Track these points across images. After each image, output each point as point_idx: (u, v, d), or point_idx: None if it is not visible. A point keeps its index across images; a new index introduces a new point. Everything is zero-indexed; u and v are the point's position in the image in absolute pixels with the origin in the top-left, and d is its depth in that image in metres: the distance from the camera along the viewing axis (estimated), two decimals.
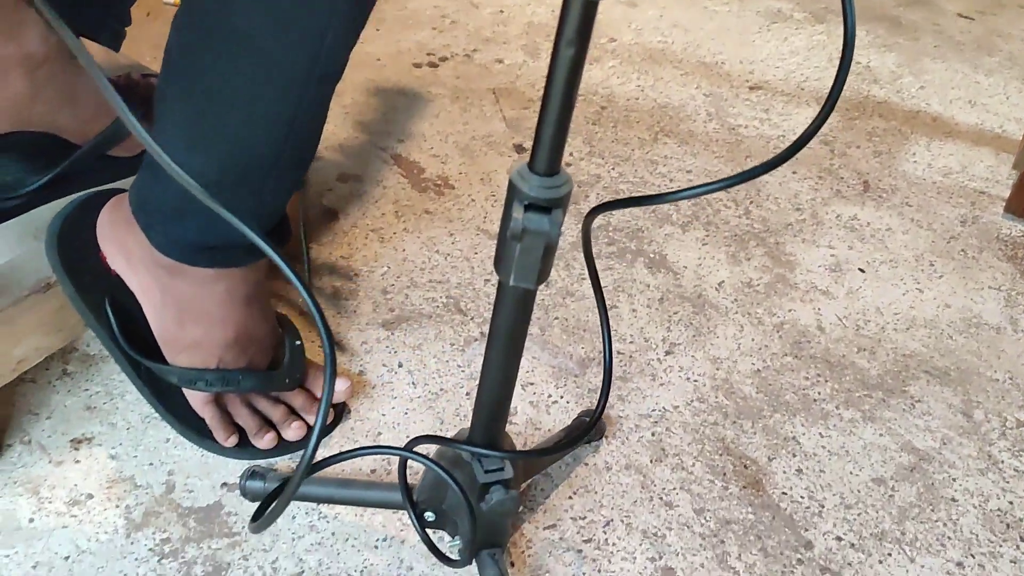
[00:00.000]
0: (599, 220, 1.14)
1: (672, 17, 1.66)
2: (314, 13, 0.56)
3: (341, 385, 0.80)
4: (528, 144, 1.25)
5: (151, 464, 0.77)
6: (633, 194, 1.18)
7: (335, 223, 1.07)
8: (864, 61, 1.60)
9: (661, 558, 0.75)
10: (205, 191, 0.57)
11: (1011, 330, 1.04)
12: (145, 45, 1.19)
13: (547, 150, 0.50)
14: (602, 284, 1.02)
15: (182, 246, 0.67)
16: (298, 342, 0.81)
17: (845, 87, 1.49)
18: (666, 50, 1.54)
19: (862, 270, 1.11)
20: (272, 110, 0.60)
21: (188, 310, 0.71)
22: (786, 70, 1.54)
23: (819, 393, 0.93)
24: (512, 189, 0.51)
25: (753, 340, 0.99)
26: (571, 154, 1.25)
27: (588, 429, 0.71)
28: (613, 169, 1.23)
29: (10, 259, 0.73)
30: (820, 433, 0.89)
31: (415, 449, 0.64)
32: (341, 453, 0.64)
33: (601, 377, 0.91)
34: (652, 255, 1.09)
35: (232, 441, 0.78)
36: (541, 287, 1.02)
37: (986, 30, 1.76)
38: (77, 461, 0.76)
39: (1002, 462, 0.88)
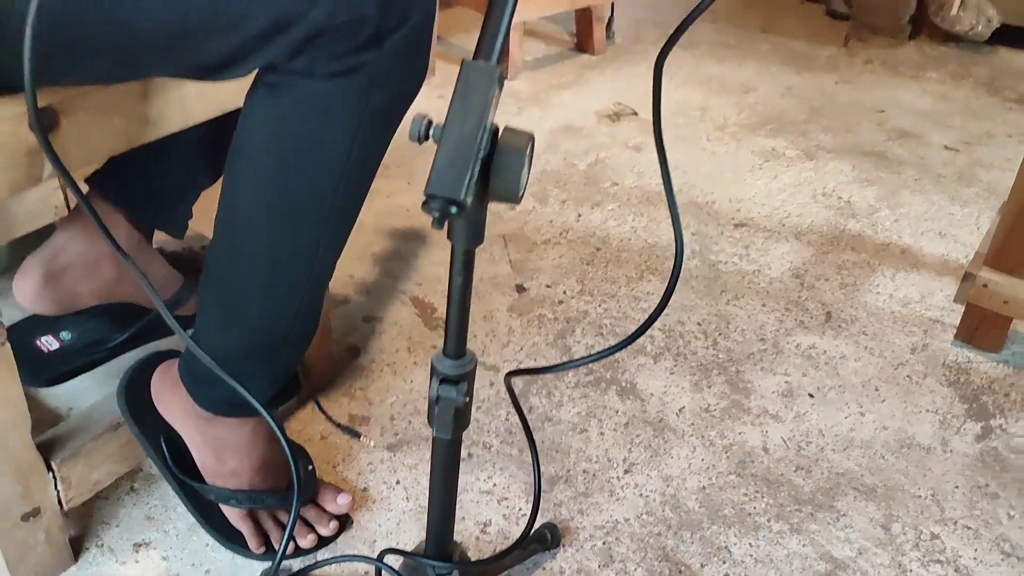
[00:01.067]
0: (581, 351, 1.33)
1: (674, 159, 1.87)
2: (312, 226, 0.78)
3: (343, 500, 1.00)
4: (528, 284, 1.46)
5: (194, 564, 0.97)
6: (614, 329, 1.37)
7: (357, 359, 1.28)
8: (845, 196, 1.77)
9: None
10: (225, 365, 0.79)
11: (940, 450, 1.18)
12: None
13: (454, 339, 0.70)
14: (575, 410, 1.21)
15: (217, 403, 0.89)
16: (311, 466, 1.02)
17: (823, 221, 1.67)
18: (662, 192, 1.75)
19: (811, 395, 1.27)
20: (281, 304, 0.82)
21: (223, 448, 0.92)
22: (771, 207, 1.72)
23: (755, 507, 1.09)
24: (432, 368, 0.71)
25: (703, 460, 1.15)
26: (564, 292, 1.45)
27: (517, 544, 0.89)
28: (600, 306, 1.42)
29: (92, 404, 0.96)
30: (750, 543, 1.04)
31: (384, 559, 0.83)
32: (318, 562, 0.84)
33: (567, 493, 1.08)
34: (624, 383, 1.27)
35: (261, 549, 0.98)
36: (525, 409, 1.21)
37: (969, 161, 1.92)
38: (137, 561, 0.97)
39: (911, 571, 1.01)
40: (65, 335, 1.07)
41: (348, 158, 0.72)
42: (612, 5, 2.34)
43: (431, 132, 0.57)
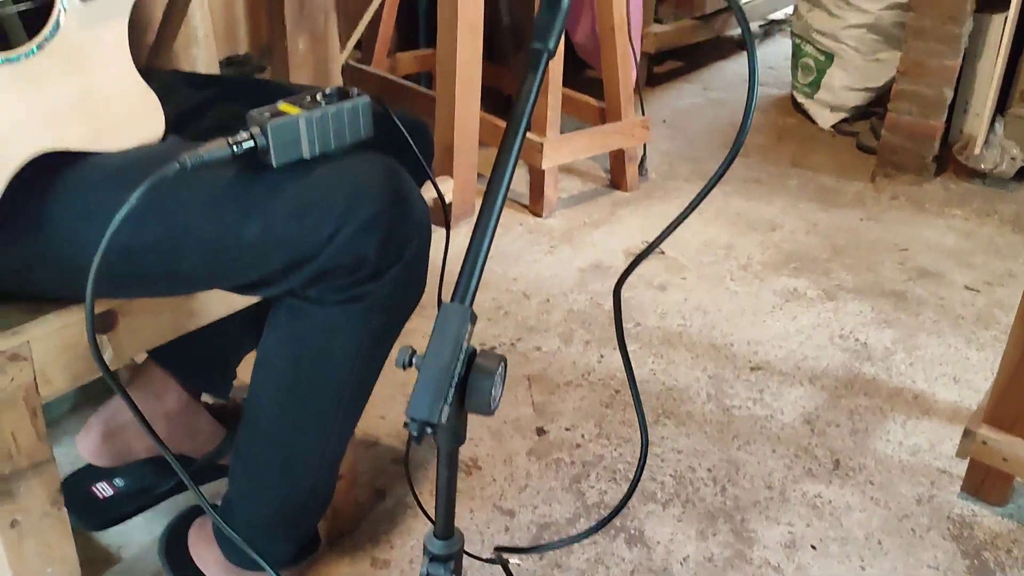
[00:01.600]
0: (594, 496, 1.40)
1: (696, 299, 1.96)
2: (322, 421, 0.90)
3: None
4: (548, 427, 1.55)
5: None
6: (627, 474, 1.45)
7: (383, 502, 1.38)
8: (862, 338, 1.83)
9: None
10: (249, 530, 0.90)
11: None
12: None
13: (442, 521, 0.80)
14: (585, 556, 1.28)
15: (246, 560, 1.00)
16: None
17: (839, 364, 1.73)
18: (683, 333, 1.84)
19: (814, 547, 1.32)
20: (296, 482, 0.94)
21: None
22: (788, 349, 1.79)
23: None
24: (424, 547, 0.81)
25: None
26: (582, 435, 1.53)
27: None
28: (616, 450, 1.50)
29: (137, 551, 1.07)
30: None
31: None
32: None
33: None
34: (633, 531, 1.34)
35: None
36: (536, 555, 1.29)
37: (989, 302, 1.97)
38: None
39: None
40: (118, 482, 1.20)
41: (353, 368, 0.84)
42: (644, 144, 2.48)
43: (414, 360, 0.68)
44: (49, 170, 0.76)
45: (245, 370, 1.13)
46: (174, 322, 0.94)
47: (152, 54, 1.44)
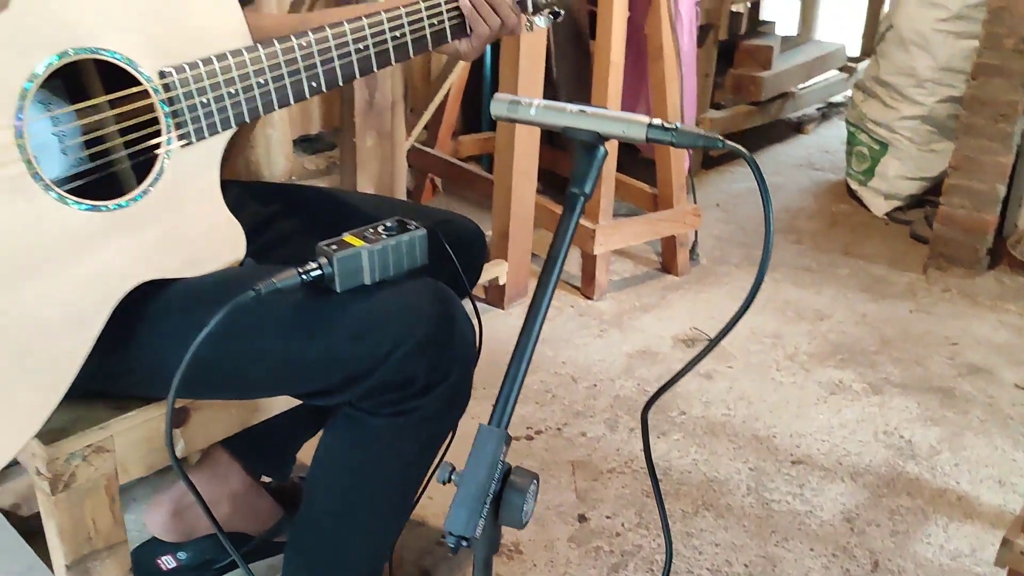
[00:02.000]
0: None
1: (741, 388, 2.00)
2: (370, 520, 0.97)
3: None
4: (589, 514, 1.60)
5: None
6: (662, 564, 1.48)
7: None
8: (907, 435, 1.84)
9: None
10: None
11: None
12: None
13: None
14: None
15: None
16: None
17: (882, 461, 1.74)
18: (727, 423, 1.87)
19: None
20: (348, 572, 1.00)
21: None
22: (831, 443, 1.81)
23: None
24: None
25: None
26: (622, 524, 1.57)
27: None
28: (655, 541, 1.54)
29: None
30: None
31: None
32: None
33: None
34: None
35: None
36: None
37: None
38: None
39: None
40: (182, 556, 1.28)
41: (401, 473, 0.92)
42: (696, 229, 2.54)
43: (452, 477, 0.75)
44: (140, 292, 0.86)
45: (303, 451, 1.22)
46: (240, 417, 1.03)
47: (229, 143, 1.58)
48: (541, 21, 1.19)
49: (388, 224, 0.88)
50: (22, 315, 0.78)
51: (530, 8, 1.14)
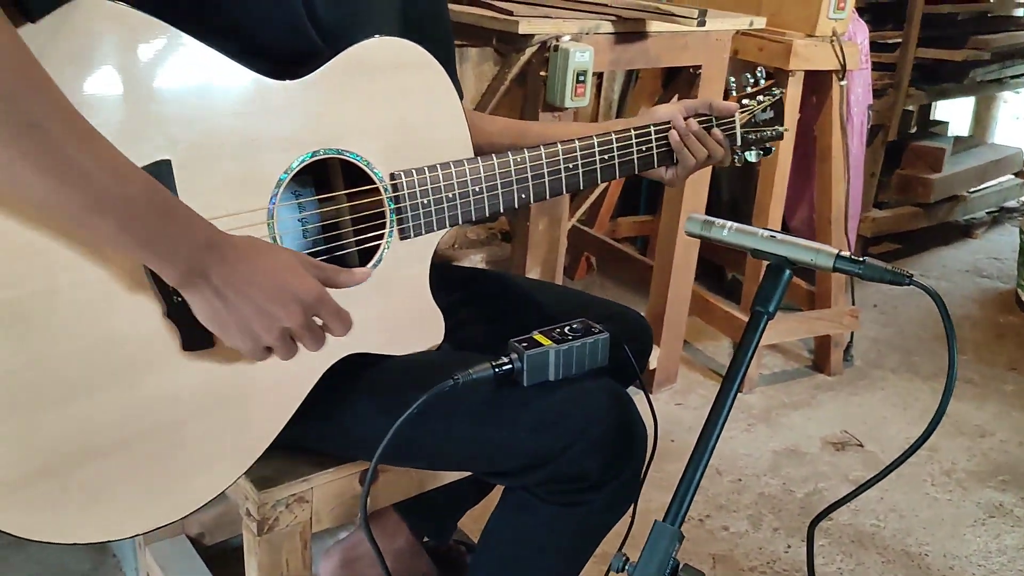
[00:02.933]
0: None
1: (892, 500, 1.95)
2: None
3: None
4: None
5: None
6: None
7: None
8: None
9: None
10: None
11: None
12: None
13: None
14: None
15: None
16: None
17: None
18: (876, 535, 1.83)
19: None
20: None
21: None
22: (988, 570, 1.74)
23: None
24: None
25: None
26: None
27: None
28: None
29: None
30: None
31: None
32: None
33: None
34: None
35: None
36: None
37: None
38: None
39: None
40: None
41: (564, 559, 0.99)
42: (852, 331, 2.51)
43: (626, 568, 0.81)
44: (345, 363, 0.96)
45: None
46: (418, 483, 1.12)
47: None
48: (751, 156, 1.23)
49: (575, 326, 0.96)
50: (237, 372, 0.89)
51: (739, 142, 1.19)
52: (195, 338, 0.84)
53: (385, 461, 1.02)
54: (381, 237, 0.98)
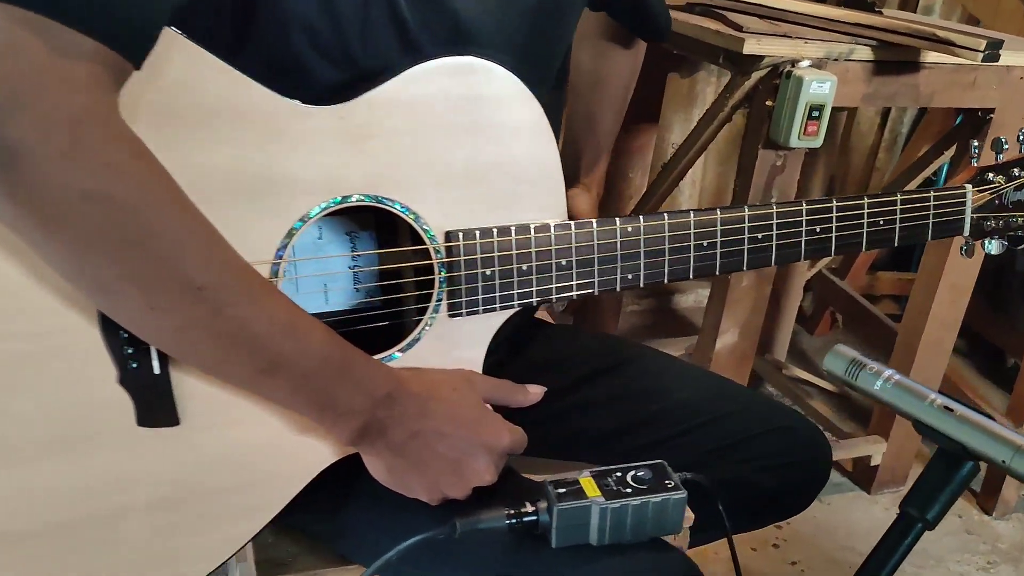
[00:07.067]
0: None
1: None
2: None
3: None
4: None
5: None
6: None
7: None
8: None
9: None
10: None
11: None
12: None
13: None
14: None
15: None
16: None
17: None
18: None
19: None
20: None
21: None
22: None
23: None
24: None
25: None
26: None
27: None
28: None
29: None
30: None
31: None
32: None
33: None
34: None
35: None
36: None
37: None
38: None
39: None
40: None
41: None
42: None
43: None
44: (354, 465, 0.76)
45: None
46: None
47: None
48: (991, 246, 0.96)
49: (642, 472, 0.68)
50: (207, 463, 0.72)
51: (966, 229, 0.93)
52: (153, 412, 0.69)
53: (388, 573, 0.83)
54: (424, 312, 0.77)
